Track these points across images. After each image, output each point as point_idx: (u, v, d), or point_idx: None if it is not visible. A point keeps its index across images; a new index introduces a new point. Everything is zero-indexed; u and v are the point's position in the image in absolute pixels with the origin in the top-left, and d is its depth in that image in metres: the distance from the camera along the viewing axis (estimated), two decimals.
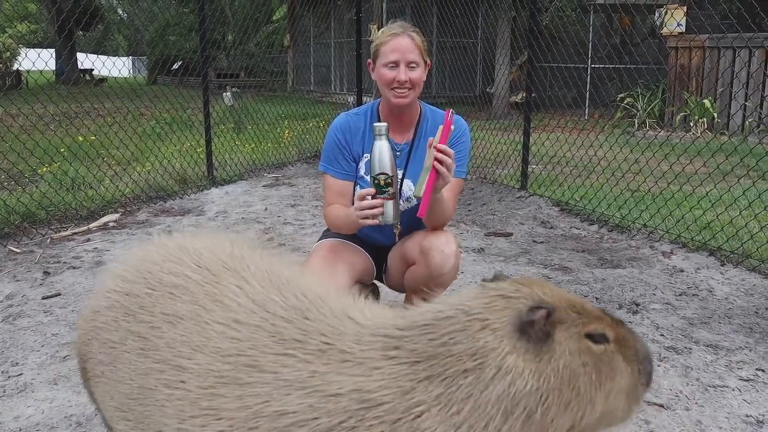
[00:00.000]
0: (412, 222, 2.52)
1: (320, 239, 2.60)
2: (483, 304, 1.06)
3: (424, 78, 2.38)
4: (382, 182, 2.06)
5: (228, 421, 1.07)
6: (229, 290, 1.26)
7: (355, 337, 1.09)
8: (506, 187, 6.22)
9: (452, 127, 2.13)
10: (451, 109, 2.13)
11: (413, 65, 2.31)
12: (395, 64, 2.30)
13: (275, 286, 1.26)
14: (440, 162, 2.03)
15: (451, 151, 2.05)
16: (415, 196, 2.11)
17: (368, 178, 2.38)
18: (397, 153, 2.46)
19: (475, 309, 1.05)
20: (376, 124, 2.08)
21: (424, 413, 0.97)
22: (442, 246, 2.32)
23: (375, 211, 2.08)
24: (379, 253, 2.59)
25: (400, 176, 2.45)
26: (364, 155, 2.45)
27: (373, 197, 2.09)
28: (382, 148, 2.05)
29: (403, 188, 2.46)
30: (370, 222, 2.11)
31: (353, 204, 2.47)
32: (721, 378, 2.60)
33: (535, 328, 1.01)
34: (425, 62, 2.37)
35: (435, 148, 2.04)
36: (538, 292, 1.07)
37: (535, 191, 5.87)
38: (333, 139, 2.45)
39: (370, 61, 2.42)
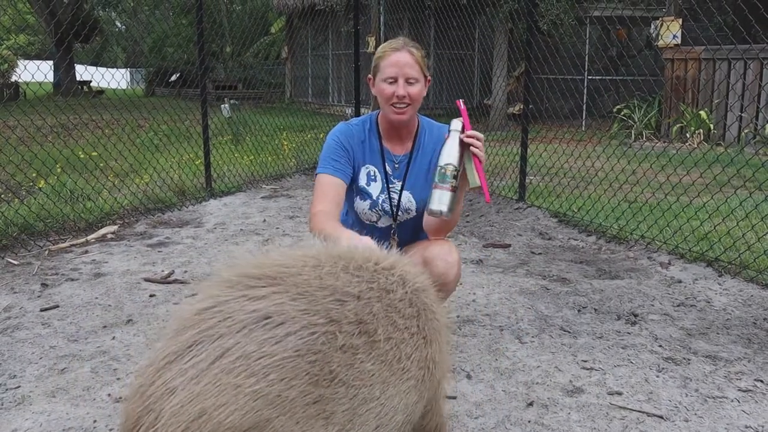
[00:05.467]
0: (410, 234, 2.53)
1: None
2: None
3: (424, 93, 2.37)
4: (447, 172, 2.15)
5: None
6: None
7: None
8: (504, 198, 6.23)
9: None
10: (461, 99, 2.25)
11: (412, 81, 2.30)
12: (394, 80, 2.29)
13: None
14: (475, 146, 2.14)
15: (480, 135, 2.16)
16: (471, 189, 2.20)
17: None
18: (396, 165, 2.46)
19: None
20: (453, 120, 2.19)
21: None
22: (445, 255, 2.35)
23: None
24: None
25: (398, 188, 2.46)
26: (365, 165, 2.44)
27: (435, 186, 2.16)
28: (456, 143, 2.17)
29: (402, 200, 2.46)
30: None
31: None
32: (720, 389, 2.61)
33: None
34: (425, 77, 2.36)
35: (467, 135, 2.14)
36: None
37: (533, 202, 5.88)
38: (335, 140, 2.40)
39: (370, 76, 2.42)
